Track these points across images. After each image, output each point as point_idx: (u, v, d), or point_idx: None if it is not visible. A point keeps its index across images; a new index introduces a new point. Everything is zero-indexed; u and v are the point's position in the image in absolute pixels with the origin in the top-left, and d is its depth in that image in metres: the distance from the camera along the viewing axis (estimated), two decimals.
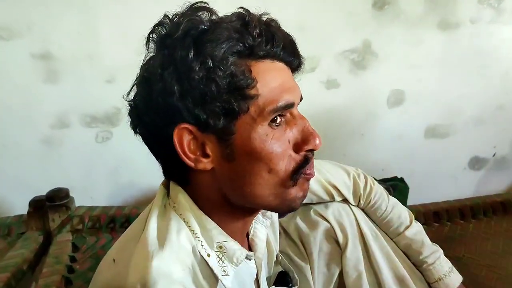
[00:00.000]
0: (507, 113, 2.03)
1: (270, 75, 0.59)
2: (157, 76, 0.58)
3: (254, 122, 0.58)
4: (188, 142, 0.59)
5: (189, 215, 0.63)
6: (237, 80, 0.57)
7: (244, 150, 0.59)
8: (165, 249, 0.58)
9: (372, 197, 0.96)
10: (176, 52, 0.57)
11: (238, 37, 0.57)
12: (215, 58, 0.56)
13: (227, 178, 0.61)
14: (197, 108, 0.57)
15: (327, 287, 0.95)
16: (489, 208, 1.67)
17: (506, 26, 1.90)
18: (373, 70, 1.84)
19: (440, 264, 0.96)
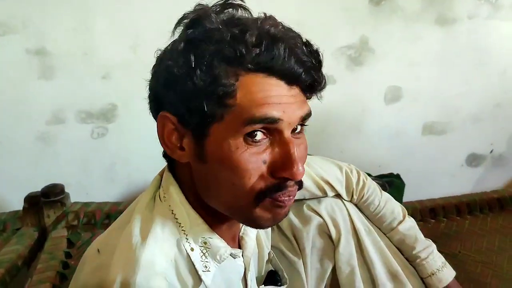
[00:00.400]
0: (505, 111, 2.03)
1: (257, 88, 0.55)
2: (159, 59, 0.61)
3: (227, 132, 0.56)
4: (169, 131, 0.59)
5: (178, 208, 0.63)
6: (215, 86, 0.54)
7: (214, 155, 0.57)
8: (149, 240, 0.58)
9: (365, 192, 0.96)
10: (175, 43, 0.57)
11: (230, 43, 0.54)
12: (199, 58, 0.54)
13: (199, 177, 0.61)
14: (177, 100, 0.57)
15: (320, 282, 0.95)
16: (485, 205, 1.66)
17: (504, 22, 1.89)
18: (370, 66, 1.84)
19: (433, 259, 0.96)
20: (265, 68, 0.55)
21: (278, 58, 0.55)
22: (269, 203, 0.59)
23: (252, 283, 0.76)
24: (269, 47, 0.55)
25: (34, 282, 1.24)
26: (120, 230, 0.62)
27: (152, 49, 1.71)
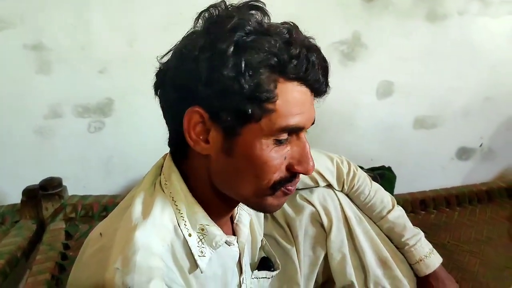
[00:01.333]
0: (494, 105, 2.07)
1: (292, 96, 0.61)
2: (193, 56, 0.60)
3: (261, 133, 0.61)
4: (195, 123, 0.62)
5: (178, 195, 0.66)
6: (260, 91, 0.59)
7: (243, 152, 0.62)
8: (147, 223, 0.61)
9: (356, 182, 0.99)
10: (218, 43, 0.59)
11: (277, 53, 0.59)
12: (248, 64, 0.58)
13: (219, 169, 0.65)
14: (216, 99, 0.60)
15: (312, 269, 0.99)
16: (474, 197, 1.71)
17: (493, 19, 1.92)
18: (362, 61, 1.87)
19: (421, 246, 1.00)
20: (299, 78, 0.62)
21: (312, 69, 0.62)
22: (280, 193, 0.66)
23: (246, 268, 0.79)
24: (305, 59, 0.61)
25: (34, 272, 1.27)
26: (120, 215, 0.65)
27: (148, 43, 1.74)
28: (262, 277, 0.85)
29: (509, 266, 1.38)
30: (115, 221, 0.65)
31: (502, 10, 1.93)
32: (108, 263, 0.58)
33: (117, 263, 0.57)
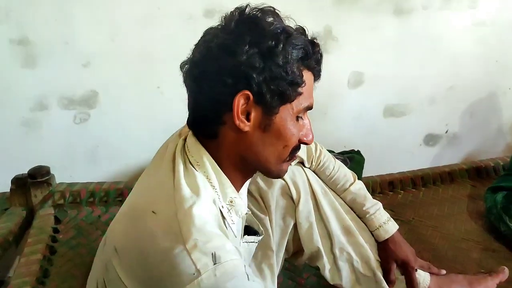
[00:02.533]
0: (458, 93, 2.21)
1: (309, 83, 0.79)
2: (243, 50, 0.72)
3: (292, 111, 0.77)
4: (242, 105, 0.74)
5: (211, 174, 0.77)
6: (297, 76, 0.75)
7: (277, 127, 0.76)
8: (201, 201, 0.72)
9: (322, 159, 1.11)
10: (266, 40, 0.73)
11: (307, 49, 0.76)
12: (292, 56, 0.74)
13: (254, 142, 0.77)
14: (265, 84, 0.73)
15: (283, 236, 1.10)
16: (438, 178, 1.84)
17: (454, 13, 2.06)
18: (334, 54, 1.98)
19: (380, 214, 1.12)
20: (314, 68, 0.80)
21: (320, 61, 0.82)
22: (291, 158, 0.83)
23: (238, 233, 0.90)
24: (319, 54, 0.81)
25: (26, 253, 1.35)
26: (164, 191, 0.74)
27: (129, 38, 1.82)
28: (251, 241, 0.96)
29: (466, 238, 1.52)
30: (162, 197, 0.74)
31: (462, 4, 2.07)
32: (184, 236, 0.66)
33: (194, 234, 0.66)
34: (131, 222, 0.77)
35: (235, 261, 0.67)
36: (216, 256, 0.65)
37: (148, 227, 0.71)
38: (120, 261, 0.73)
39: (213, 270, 0.64)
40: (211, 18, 1.76)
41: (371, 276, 1.11)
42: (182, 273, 0.64)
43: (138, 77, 1.79)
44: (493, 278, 1.16)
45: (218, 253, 0.65)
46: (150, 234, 0.70)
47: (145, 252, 0.69)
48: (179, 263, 0.65)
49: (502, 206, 1.49)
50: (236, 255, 0.68)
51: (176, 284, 0.64)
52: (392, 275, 1.10)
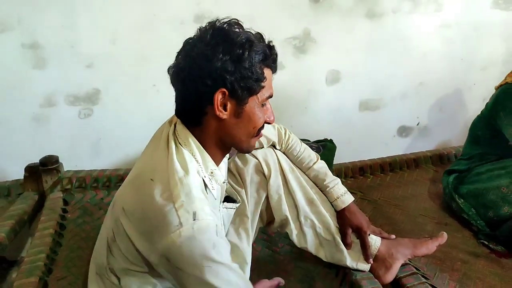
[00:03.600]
0: (427, 88, 2.42)
1: (269, 77, 1.01)
2: (218, 57, 0.92)
3: (258, 100, 0.99)
4: (220, 100, 0.95)
5: (195, 150, 1.00)
6: (259, 74, 0.96)
7: (247, 114, 0.99)
8: (189, 173, 0.95)
9: (290, 142, 1.33)
10: (235, 48, 0.93)
11: (266, 53, 0.98)
12: (254, 60, 0.95)
13: (230, 127, 0.99)
14: (236, 83, 0.94)
15: (257, 207, 1.31)
16: (404, 164, 2.06)
17: (422, 16, 2.27)
18: (312, 54, 2.18)
19: (338, 187, 1.33)
20: (271, 66, 1.01)
21: (276, 59, 1.03)
22: (257, 135, 1.05)
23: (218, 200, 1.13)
24: (275, 54, 1.02)
25: (40, 229, 1.56)
26: (161, 164, 0.96)
27: (129, 41, 2.05)
28: (229, 207, 1.20)
29: (423, 214, 1.74)
30: (160, 169, 0.95)
31: (429, 8, 2.28)
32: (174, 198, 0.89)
33: (182, 197, 0.89)
34: (135, 187, 0.99)
35: (210, 220, 0.89)
36: (196, 215, 0.88)
37: (147, 190, 0.94)
38: (126, 217, 0.96)
39: (192, 224, 0.87)
40: (200, 23, 1.94)
41: (331, 240, 1.32)
42: (169, 224, 0.87)
43: (136, 76, 2.00)
44: (434, 241, 1.35)
45: (198, 212, 0.88)
46: (149, 196, 0.92)
47: (145, 209, 0.93)
48: (168, 217, 0.87)
49: (453, 186, 1.70)
50: (211, 216, 0.90)
51: (165, 231, 0.87)
52: (348, 238, 1.31)
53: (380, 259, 1.31)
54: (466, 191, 1.66)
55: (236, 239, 1.27)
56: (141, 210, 0.94)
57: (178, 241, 0.85)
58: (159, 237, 0.88)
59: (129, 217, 0.95)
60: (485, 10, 2.37)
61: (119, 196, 1.04)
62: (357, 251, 1.33)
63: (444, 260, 1.45)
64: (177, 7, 1.94)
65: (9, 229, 1.55)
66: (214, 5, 1.97)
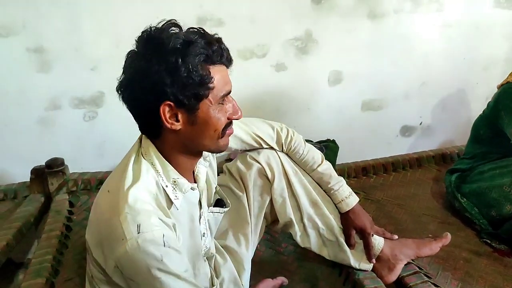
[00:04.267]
0: (429, 88, 2.43)
1: (219, 74, 0.93)
2: (153, 70, 0.87)
3: (210, 103, 0.93)
4: (168, 113, 0.91)
5: (155, 161, 0.97)
6: (203, 78, 0.89)
7: (202, 119, 0.93)
8: (139, 183, 0.92)
9: (292, 144, 1.32)
10: (168, 57, 0.87)
11: (207, 51, 0.89)
12: (192, 64, 0.88)
13: (189, 135, 0.96)
14: (178, 92, 0.89)
15: (261, 210, 1.32)
16: (406, 163, 2.06)
17: (423, 15, 2.28)
18: (314, 54, 2.20)
19: (343, 189, 1.33)
20: (219, 61, 0.93)
21: (223, 53, 0.93)
22: (225, 135, 0.99)
23: (204, 204, 1.12)
24: (219, 48, 0.92)
25: (47, 230, 1.58)
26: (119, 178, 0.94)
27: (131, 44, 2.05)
28: (216, 211, 1.18)
29: (426, 213, 1.75)
30: (116, 179, 0.95)
31: (431, 8, 2.29)
32: (119, 210, 0.88)
33: (126, 209, 0.88)
34: (96, 199, 1.00)
35: (155, 232, 0.86)
36: (140, 227, 0.85)
37: (101, 201, 0.96)
38: (88, 227, 0.98)
39: (136, 237, 0.84)
40: (203, 25, 1.96)
41: (334, 241, 1.33)
42: (115, 238, 0.86)
43: None
44: (437, 242, 1.37)
45: (142, 224, 0.86)
46: (101, 207, 0.95)
47: (98, 220, 0.95)
48: (114, 230, 0.87)
49: (455, 185, 1.71)
50: (158, 227, 0.87)
51: (112, 245, 0.87)
52: (352, 239, 1.32)
53: (383, 259, 1.32)
54: (468, 190, 1.67)
55: (235, 245, 1.28)
56: (95, 222, 0.96)
57: (125, 254, 0.85)
58: (108, 249, 0.89)
59: (89, 227, 0.98)
60: (487, 9, 2.37)
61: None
62: (360, 251, 1.34)
63: (447, 259, 1.46)
64: (179, 9, 1.95)
65: (16, 231, 1.57)
66: (217, 7, 1.99)
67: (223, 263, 1.24)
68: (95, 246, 0.93)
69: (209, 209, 1.15)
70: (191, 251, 1.06)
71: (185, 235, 1.03)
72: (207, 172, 1.15)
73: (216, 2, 1.99)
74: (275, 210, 1.33)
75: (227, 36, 2.25)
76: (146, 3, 1.92)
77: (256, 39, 2.09)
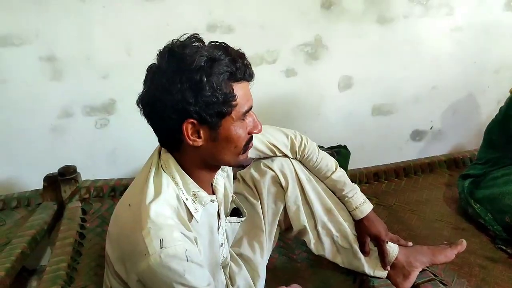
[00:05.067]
0: (440, 92, 2.42)
1: (242, 91, 0.94)
2: (176, 88, 0.87)
3: (233, 120, 0.94)
4: (191, 130, 0.92)
5: (175, 174, 0.98)
6: (227, 96, 0.90)
7: (224, 136, 0.95)
8: (160, 198, 0.93)
9: (306, 152, 1.32)
10: (192, 75, 0.87)
11: (231, 69, 0.90)
12: (216, 83, 0.89)
13: (210, 151, 0.97)
14: (202, 111, 0.89)
15: (275, 217, 1.32)
16: (418, 168, 2.06)
17: (433, 19, 2.27)
18: (324, 60, 2.19)
19: (357, 197, 1.33)
20: (242, 78, 0.94)
21: (246, 69, 0.94)
22: (246, 150, 1.01)
23: (222, 215, 1.13)
24: (243, 65, 0.93)
25: (60, 238, 1.59)
26: (140, 188, 0.95)
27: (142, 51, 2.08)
28: (233, 221, 1.20)
29: (439, 219, 1.73)
30: (137, 193, 0.95)
31: (441, 12, 2.28)
32: (142, 225, 0.88)
33: (148, 224, 0.88)
34: (116, 212, 1.01)
35: (178, 246, 0.87)
36: (163, 242, 0.86)
37: (122, 215, 0.97)
38: (108, 240, 0.99)
39: (159, 252, 0.85)
40: (213, 32, 1.99)
41: (349, 248, 1.33)
42: (138, 253, 0.87)
43: None
44: (453, 249, 1.36)
45: (165, 239, 0.86)
46: (122, 221, 0.95)
47: (119, 235, 0.95)
48: (137, 245, 0.87)
49: (468, 191, 1.70)
50: (181, 241, 0.88)
51: (135, 260, 0.88)
52: (366, 247, 1.32)
53: (398, 267, 1.32)
54: (482, 196, 1.66)
55: (249, 252, 1.29)
56: (116, 236, 0.96)
57: (148, 269, 0.85)
58: (131, 264, 0.89)
59: (110, 241, 0.98)
60: (497, 12, 2.36)
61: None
62: (374, 259, 1.34)
63: (462, 266, 1.45)
64: (189, 16, 1.97)
65: (30, 239, 1.58)
66: (226, 14, 1.99)
67: (238, 271, 1.25)
68: (117, 260, 0.94)
69: (226, 219, 1.15)
70: (210, 262, 1.07)
71: (205, 247, 1.04)
72: (225, 182, 1.16)
73: (226, 9, 2.00)
74: (289, 217, 1.33)
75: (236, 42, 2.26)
76: (156, 11, 1.93)
77: (266, 45, 2.10)
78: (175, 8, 1.94)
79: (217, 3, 1.97)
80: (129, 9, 1.90)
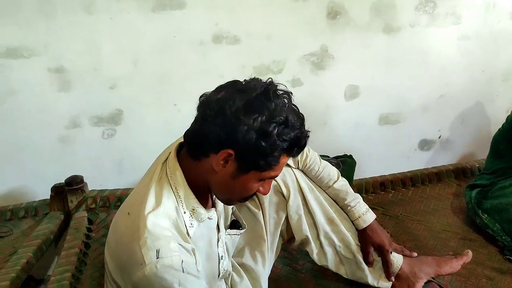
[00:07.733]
0: (448, 101, 2.40)
1: (283, 162, 0.95)
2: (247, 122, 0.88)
3: (258, 176, 0.95)
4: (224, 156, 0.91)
5: (179, 186, 0.98)
6: (273, 159, 0.91)
7: (242, 181, 0.95)
8: (160, 208, 0.93)
9: (308, 162, 1.32)
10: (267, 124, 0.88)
11: (294, 144, 0.92)
12: (276, 145, 0.89)
13: (221, 181, 0.96)
14: (249, 153, 0.90)
15: (276, 227, 1.32)
16: (425, 178, 2.03)
17: (440, 29, 2.26)
18: (330, 69, 2.20)
19: (360, 206, 1.32)
20: (292, 155, 0.96)
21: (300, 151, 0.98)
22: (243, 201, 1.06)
23: (222, 228, 1.13)
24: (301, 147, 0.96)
25: (66, 248, 1.60)
26: (140, 197, 0.95)
27: (149, 62, 2.10)
28: (233, 234, 1.19)
29: (446, 230, 1.71)
30: (137, 202, 0.95)
31: (447, 21, 2.27)
32: (139, 234, 0.89)
33: (145, 234, 0.88)
34: (116, 220, 1.01)
35: (174, 257, 0.87)
36: (159, 252, 0.86)
37: (122, 225, 0.96)
38: (107, 248, 0.99)
39: (155, 263, 0.85)
40: (219, 43, 2.01)
41: (352, 258, 1.32)
42: (134, 262, 0.87)
43: (157, 97, 2.04)
44: (458, 260, 1.34)
45: (161, 250, 0.86)
46: (121, 230, 0.95)
47: (117, 243, 0.95)
48: (133, 255, 0.87)
49: (476, 201, 1.68)
50: (178, 252, 0.88)
51: (131, 270, 0.88)
52: (370, 257, 1.30)
53: (403, 277, 1.30)
54: (489, 206, 1.64)
55: (251, 262, 1.28)
56: (114, 244, 0.96)
57: (143, 279, 0.85)
58: (127, 273, 0.89)
59: (108, 249, 0.98)
60: (504, 20, 2.34)
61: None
62: (378, 269, 1.32)
63: (469, 277, 1.42)
64: (196, 28, 1.98)
65: (36, 248, 1.59)
66: (232, 25, 2.01)
67: (239, 281, 1.24)
68: (114, 268, 0.94)
69: (226, 231, 1.15)
70: (207, 275, 1.06)
71: (203, 260, 1.03)
72: None
73: (232, 20, 2.01)
74: (291, 227, 1.32)
75: (242, 53, 2.29)
76: (163, 22, 1.95)
77: (272, 55, 2.11)
78: (182, 19, 1.96)
79: (223, 14, 1.99)
80: (136, 20, 1.93)
